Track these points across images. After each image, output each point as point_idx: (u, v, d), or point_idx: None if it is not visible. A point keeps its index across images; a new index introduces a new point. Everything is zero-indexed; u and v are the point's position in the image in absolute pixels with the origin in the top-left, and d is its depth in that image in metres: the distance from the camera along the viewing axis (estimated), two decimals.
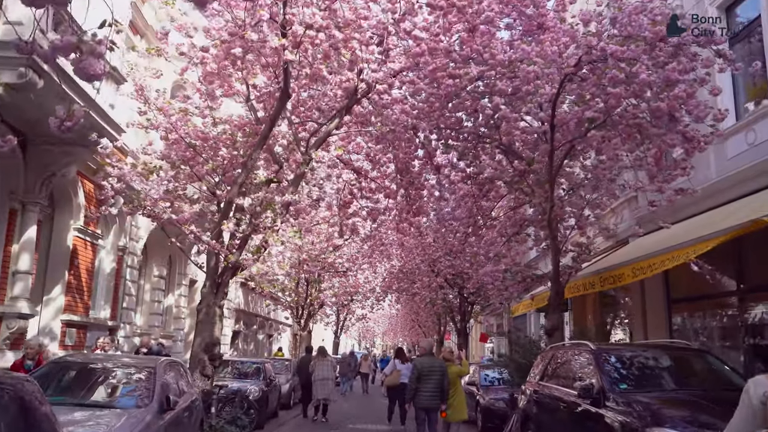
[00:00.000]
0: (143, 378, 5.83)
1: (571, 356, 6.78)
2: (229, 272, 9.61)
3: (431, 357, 8.30)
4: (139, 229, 13.19)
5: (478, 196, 12.41)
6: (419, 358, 8.69)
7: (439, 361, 8.29)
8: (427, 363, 8.11)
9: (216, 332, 9.48)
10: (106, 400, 5.53)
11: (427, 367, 8.04)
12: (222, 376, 12.62)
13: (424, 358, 8.29)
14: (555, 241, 9.36)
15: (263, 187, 9.82)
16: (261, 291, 21.63)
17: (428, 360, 8.19)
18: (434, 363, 8.13)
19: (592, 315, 14.21)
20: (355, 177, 12.68)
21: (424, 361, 8.20)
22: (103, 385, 5.73)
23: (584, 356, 6.41)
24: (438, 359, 8.35)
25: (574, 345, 6.90)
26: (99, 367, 6.00)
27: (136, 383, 5.80)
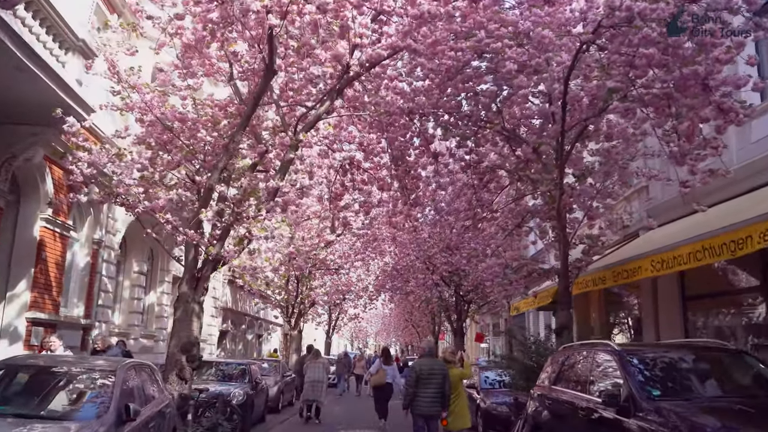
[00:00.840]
0: (101, 384, 5.02)
1: (589, 358, 6.02)
2: (210, 266, 8.80)
3: (431, 359, 7.52)
4: (116, 221, 12.33)
5: (478, 186, 11.68)
6: (418, 360, 7.90)
7: (439, 363, 7.51)
8: (427, 365, 7.34)
9: (194, 331, 8.67)
10: (53, 410, 4.71)
11: (427, 369, 7.27)
12: (204, 379, 11.80)
13: (424, 359, 7.51)
14: (564, 231, 8.61)
15: (247, 174, 9.03)
16: (250, 289, 20.80)
17: (428, 362, 7.40)
18: (434, 365, 7.35)
19: (597, 314, 13.49)
20: (348, 164, 11.88)
21: (423, 363, 7.41)
22: (52, 392, 4.90)
23: (605, 358, 5.66)
24: (438, 361, 7.57)
25: (592, 345, 6.15)
26: (49, 372, 5.17)
27: (91, 390, 4.99)
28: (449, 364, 7.93)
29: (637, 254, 8.21)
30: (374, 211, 15.28)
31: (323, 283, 22.22)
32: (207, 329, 19.32)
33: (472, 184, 11.73)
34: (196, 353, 8.65)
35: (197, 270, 8.86)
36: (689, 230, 7.60)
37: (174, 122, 8.66)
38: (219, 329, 20.56)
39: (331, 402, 15.32)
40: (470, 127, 10.01)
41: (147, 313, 15.12)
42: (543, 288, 12.16)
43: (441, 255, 17.65)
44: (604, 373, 5.65)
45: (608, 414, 5.04)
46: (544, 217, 9.96)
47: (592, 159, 9.25)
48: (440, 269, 17.81)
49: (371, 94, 9.53)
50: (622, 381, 5.07)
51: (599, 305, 13.47)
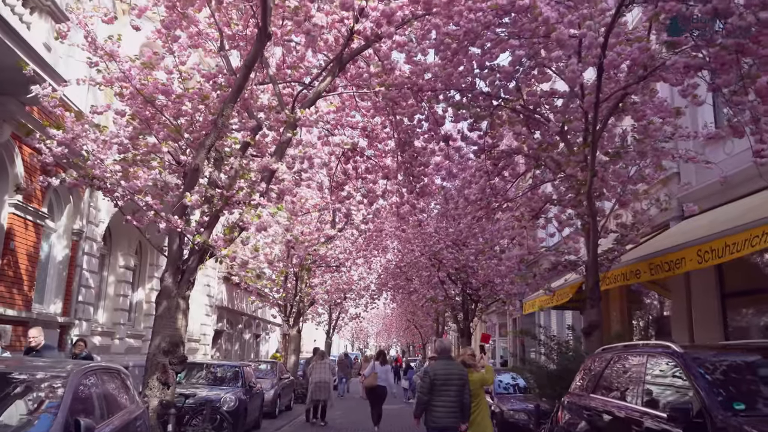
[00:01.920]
0: (46, 394, 4.05)
1: (639, 362, 5.04)
2: (196, 257, 7.84)
3: (449, 361, 6.46)
4: (98, 211, 11.37)
5: (492, 172, 10.73)
6: (433, 364, 6.91)
7: (458, 366, 6.46)
8: (443, 369, 6.30)
9: (179, 330, 7.72)
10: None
11: (443, 374, 6.26)
12: (194, 383, 10.85)
13: (440, 362, 6.46)
14: (594, 218, 7.63)
15: (238, 154, 8.07)
16: (246, 286, 19.82)
17: (444, 365, 6.35)
18: (452, 369, 6.32)
19: (618, 313, 12.51)
20: (350, 151, 10.94)
21: (438, 366, 6.39)
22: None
23: (664, 362, 4.69)
24: (457, 364, 6.56)
25: (644, 347, 5.17)
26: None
27: (32, 402, 4.01)
28: (469, 367, 6.96)
29: (680, 243, 7.23)
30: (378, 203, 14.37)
31: (323, 281, 21.24)
32: (201, 329, 18.35)
33: (486, 170, 10.79)
34: (181, 354, 7.69)
35: (182, 261, 7.91)
36: (737, 217, 6.65)
37: (156, 95, 7.69)
38: (214, 329, 19.58)
39: (334, 404, 14.55)
40: (485, 107, 9.07)
41: (134, 311, 14.15)
42: (561, 285, 11.16)
43: (448, 251, 16.70)
44: (663, 380, 4.69)
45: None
46: (567, 205, 9.00)
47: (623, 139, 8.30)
48: (447, 266, 16.84)
49: (377, 65, 8.56)
50: (692, 391, 4.09)
51: (621, 304, 12.49)
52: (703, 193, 8.96)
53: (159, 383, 7.45)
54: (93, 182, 7.91)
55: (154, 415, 7.32)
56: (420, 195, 10.77)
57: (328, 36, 8.17)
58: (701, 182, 9.13)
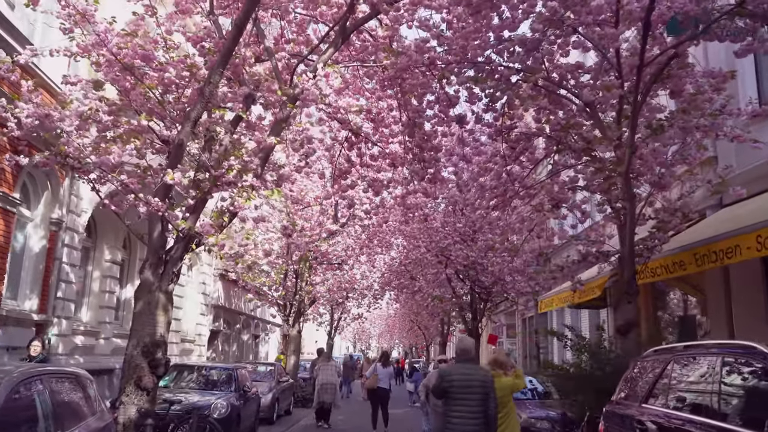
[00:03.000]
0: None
1: (712, 366, 4.12)
2: (181, 245, 6.92)
3: (470, 364, 5.45)
4: (81, 199, 10.46)
5: (510, 157, 9.82)
6: (451, 366, 5.96)
7: (480, 370, 5.48)
8: (462, 374, 5.29)
9: (160, 328, 6.79)
10: None
11: (462, 379, 5.25)
12: (184, 386, 9.95)
13: (459, 366, 5.46)
14: (633, 202, 6.71)
15: (229, 128, 7.15)
16: (244, 284, 18.91)
17: (464, 369, 5.35)
18: (473, 373, 5.32)
19: (644, 310, 11.55)
20: (354, 137, 10.10)
21: (456, 370, 5.39)
22: None
23: (746, 366, 3.77)
24: (479, 368, 5.60)
25: (719, 348, 4.23)
26: None
27: None
28: (497, 371, 6.03)
29: (734, 229, 6.29)
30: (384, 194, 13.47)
31: (325, 279, 20.32)
32: (196, 328, 17.44)
33: (503, 154, 9.89)
34: (162, 357, 6.77)
35: (164, 251, 7.00)
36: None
37: (136, 60, 6.79)
38: (209, 329, 18.66)
39: (341, 405, 14.60)
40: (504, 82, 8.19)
41: (122, 309, 13.24)
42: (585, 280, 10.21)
43: (456, 246, 15.77)
44: (745, 387, 3.77)
45: None
46: (596, 190, 8.07)
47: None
48: (455, 262, 15.91)
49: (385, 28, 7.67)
50: None
51: (646, 301, 11.53)
52: (746, 178, 8.04)
53: (137, 389, 6.54)
54: (66, 161, 7.03)
55: (131, 425, 6.42)
56: (431, 182, 9.87)
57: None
58: (743, 165, 8.20)
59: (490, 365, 6.30)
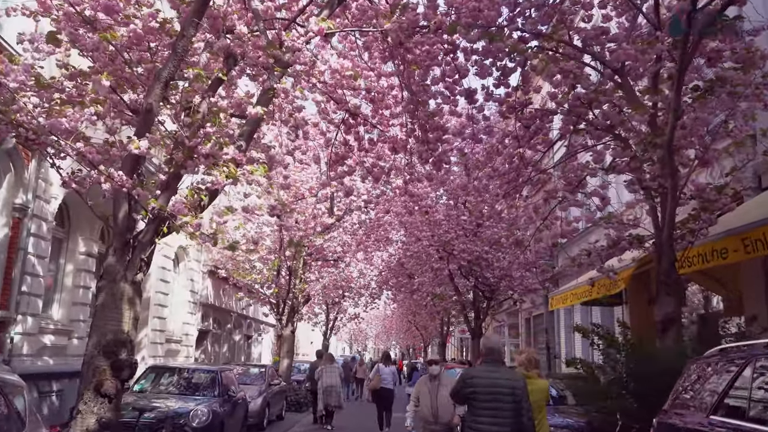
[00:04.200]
0: None
1: None
2: (151, 228, 5.95)
3: (495, 366, 4.54)
4: (50, 184, 9.48)
5: (523, 138, 8.93)
6: (472, 369, 5.04)
7: (509, 374, 4.57)
8: (488, 377, 4.42)
9: (125, 324, 5.83)
10: None
11: (488, 384, 4.38)
12: (162, 390, 8.98)
13: (484, 368, 4.56)
14: (675, 178, 5.79)
15: (206, 93, 6.19)
16: (235, 282, 17.94)
17: (490, 372, 4.46)
18: (500, 377, 4.41)
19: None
20: (351, 118, 9.23)
21: (481, 373, 4.51)
22: None
23: None
24: (508, 371, 4.68)
25: None
26: None
27: None
28: (533, 372, 5.18)
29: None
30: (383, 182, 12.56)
31: (320, 277, 19.35)
32: (183, 328, 16.46)
33: (515, 134, 8.99)
34: (127, 357, 5.80)
35: (132, 235, 6.04)
36: None
37: (98, 12, 5.82)
38: (198, 328, 17.66)
39: (344, 407, 14.03)
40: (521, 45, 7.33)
41: None
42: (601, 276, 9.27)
43: (459, 240, 14.85)
44: None
45: None
46: (624, 169, 7.16)
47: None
48: (458, 257, 14.98)
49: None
50: None
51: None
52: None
53: (97, 395, 5.57)
54: (18, 131, 6.06)
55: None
56: (435, 166, 8.94)
57: None
58: None
59: (523, 365, 5.39)
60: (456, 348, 38.79)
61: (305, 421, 14.33)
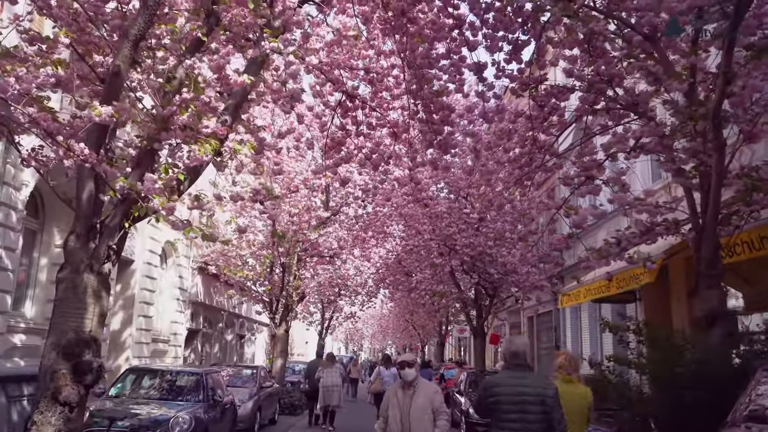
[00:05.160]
0: None
1: None
2: (119, 212, 5.18)
3: (525, 372, 3.92)
4: (20, 170, 8.68)
5: (537, 118, 8.21)
6: (499, 375, 4.33)
7: (537, 381, 3.94)
8: (513, 384, 3.78)
9: (90, 321, 5.05)
10: None
11: (512, 392, 3.73)
12: (143, 395, 8.21)
13: (508, 374, 3.93)
14: (722, 152, 5.05)
15: (184, 54, 5.42)
16: (226, 279, 17.10)
17: (515, 378, 3.84)
18: (528, 384, 3.79)
19: (684, 305, 9.90)
20: (348, 101, 8.57)
21: (505, 379, 3.88)
22: None
23: None
24: (535, 377, 4.00)
25: None
26: None
27: None
28: (572, 376, 4.51)
29: None
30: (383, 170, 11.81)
31: (315, 274, 18.56)
32: (171, 327, 15.65)
33: (528, 114, 8.27)
34: (91, 359, 5.02)
35: (98, 218, 5.27)
36: None
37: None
38: (187, 327, 16.86)
39: (343, 407, 13.69)
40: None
41: None
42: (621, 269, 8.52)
43: (461, 235, 14.12)
44: None
45: None
46: (654, 149, 6.43)
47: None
48: (460, 253, 14.24)
49: None
50: None
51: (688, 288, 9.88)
52: None
53: (54, 403, 4.80)
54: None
55: None
56: (441, 148, 8.21)
57: None
58: None
59: (564, 369, 4.64)
60: (454, 348, 38.04)
61: (300, 425, 13.61)
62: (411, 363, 5.16)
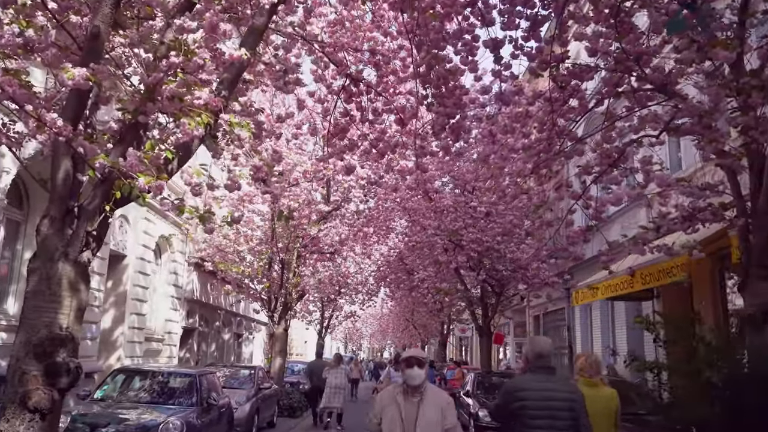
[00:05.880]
0: None
1: None
2: (99, 193, 4.58)
3: (551, 375, 3.64)
4: (2, 156, 8.09)
5: (558, 100, 7.63)
6: (523, 378, 3.84)
7: (565, 384, 3.70)
8: (539, 388, 3.54)
9: (63, 317, 4.46)
10: None
11: (540, 396, 3.49)
12: (131, 397, 7.62)
13: (533, 377, 3.65)
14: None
15: (172, 16, 4.83)
16: (223, 276, 16.49)
17: (542, 382, 3.57)
18: (556, 388, 3.56)
19: (710, 301, 9.33)
20: (352, 85, 8.05)
21: (529, 384, 3.59)
22: None
23: None
24: (561, 380, 3.74)
25: None
26: None
27: None
28: (597, 379, 4.25)
29: None
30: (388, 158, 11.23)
31: (315, 271, 17.97)
32: (165, 325, 15.06)
33: (548, 96, 7.68)
34: (66, 360, 4.43)
35: (76, 201, 4.68)
36: None
37: None
38: (182, 326, 16.25)
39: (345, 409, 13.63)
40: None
41: None
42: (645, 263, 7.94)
43: (468, 230, 13.55)
44: None
45: None
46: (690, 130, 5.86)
47: None
48: (467, 248, 13.66)
49: None
50: None
51: (713, 288, 9.33)
52: None
53: (23, 410, 4.21)
54: None
55: None
56: (454, 133, 7.62)
57: None
58: None
59: (585, 371, 4.36)
60: (455, 348, 37.47)
61: (301, 427, 13.08)
62: (421, 361, 3.90)
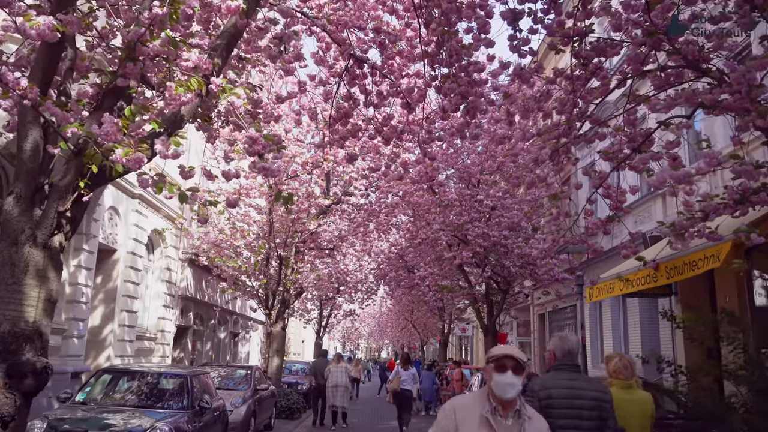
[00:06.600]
0: None
1: None
2: (72, 167, 4.01)
3: (578, 374, 3.45)
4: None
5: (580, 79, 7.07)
6: (548, 377, 3.48)
7: (595, 384, 3.44)
8: (566, 386, 3.34)
9: (30, 309, 3.89)
10: None
11: (566, 395, 3.29)
12: (117, 400, 7.03)
13: (558, 375, 3.43)
14: None
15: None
16: (218, 272, 15.89)
17: (569, 381, 3.37)
18: (583, 387, 3.35)
19: (736, 295, 8.78)
20: (356, 66, 7.55)
21: (555, 383, 3.38)
22: None
23: None
24: (588, 380, 3.55)
25: None
26: None
27: None
28: (631, 380, 3.99)
29: None
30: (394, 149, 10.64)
31: (314, 267, 17.37)
32: (158, 323, 14.45)
33: (569, 74, 7.12)
34: (33, 359, 3.85)
35: (46, 178, 4.10)
36: None
37: None
38: (176, 324, 15.64)
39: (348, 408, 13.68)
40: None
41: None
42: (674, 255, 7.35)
43: (474, 224, 12.99)
44: None
45: None
46: (737, 105, 5.31)
47: None
48: (473, 244, 13.09)
49: None
50: None
51: (737, 282, 8.77)
52: None
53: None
54: None
55: None
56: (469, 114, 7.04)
57: None
58: None
59: (620, 373, 4.05)
60: (455, 347, 36.90)
61: (300, 429, 12.53)
62: (520, 364, 2.69)
